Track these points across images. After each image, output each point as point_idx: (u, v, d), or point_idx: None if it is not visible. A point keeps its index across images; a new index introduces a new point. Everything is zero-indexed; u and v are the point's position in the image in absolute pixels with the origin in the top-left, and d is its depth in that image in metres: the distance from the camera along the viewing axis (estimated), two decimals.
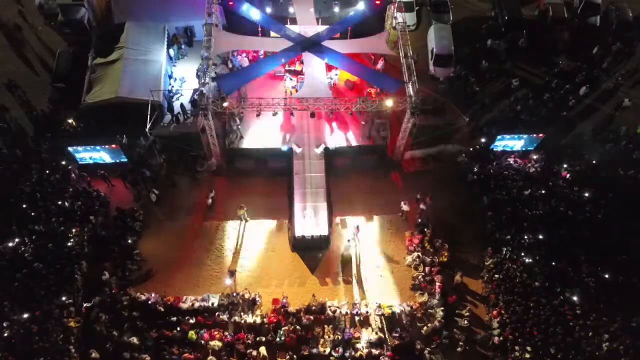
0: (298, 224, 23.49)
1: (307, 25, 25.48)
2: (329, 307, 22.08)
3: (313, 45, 24.52)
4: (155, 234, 24.11)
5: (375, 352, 21.17)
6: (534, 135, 25.36)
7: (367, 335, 21.68)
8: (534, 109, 27.34)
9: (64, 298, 20.95)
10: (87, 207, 23.49)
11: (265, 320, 21.70)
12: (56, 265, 21.41)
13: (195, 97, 24.15)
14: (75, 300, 21.28)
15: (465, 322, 22.11)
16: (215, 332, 21.33)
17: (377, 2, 25.97)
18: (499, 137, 25.32)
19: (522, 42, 29.55)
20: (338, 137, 26.10)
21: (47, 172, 24.04)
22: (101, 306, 21.42)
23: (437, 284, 22.47)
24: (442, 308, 22.07)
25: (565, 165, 25.39)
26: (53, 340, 20.01)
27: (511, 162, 25.82)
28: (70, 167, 24.38)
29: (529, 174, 25.22)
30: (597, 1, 30.58)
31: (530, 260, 22.37)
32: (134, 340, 20.70)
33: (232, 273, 22.69)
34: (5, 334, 19.75)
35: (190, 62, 27.82)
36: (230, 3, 25.66)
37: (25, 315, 20.14)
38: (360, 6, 25.99)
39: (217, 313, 21.76)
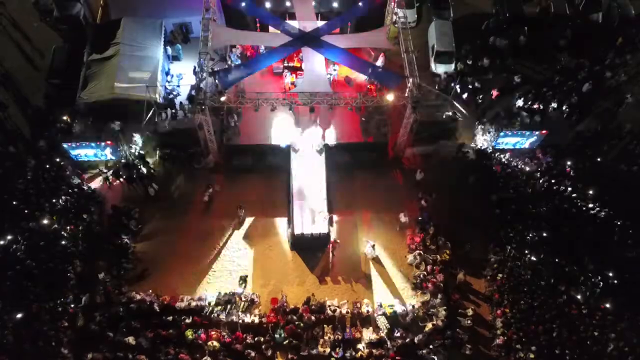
0: (297, 222, 23.05)
1: (307, 20, 25.08)
2: (329, 306, 21.63)
3: (312, 40, 24.13)
4: (151, 232, 23.66)
5: (376, 352, 20.69)
6: (537, 132, 25.00)
7: (367, 336, 21.20)
8: (537, 106, 26.96)
9: (57, 297, 20.45)
10: (80, 204, 23.03)
11: (264, 320, 21.24)
12: (49, 263, 20.91)
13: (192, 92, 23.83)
14: (68, 300, 20.77)
15: (469, 321, 21.64)
16: (213, 332, 20.84)
17: None
18: (501, 134, 24.95)
19: (522, 39, 29.25)
20: (338, 134, 25.65)
21: (42, 169, 23.55)
22: (95, 306, 20.94)
23: (439, 281, 22.04)
24: (445, 307, 21.65)
25: (569, 162, 24.99)
26: (46, 341, 19.47)
27: (512, 160, 25.44)
28: (63, 163, 23.89)
29: (533, 171, 24.80)
30: None
31: (535, 258, 21.96)
32: (130, 340, 20.21)
33: (244, 279, 21.98)
34: None
35: (188, 59, 27.48)
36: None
37: (18, 315, 19.62)
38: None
39: (214, 313, 21.24)
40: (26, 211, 22.02)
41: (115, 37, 26.01)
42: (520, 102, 27.08)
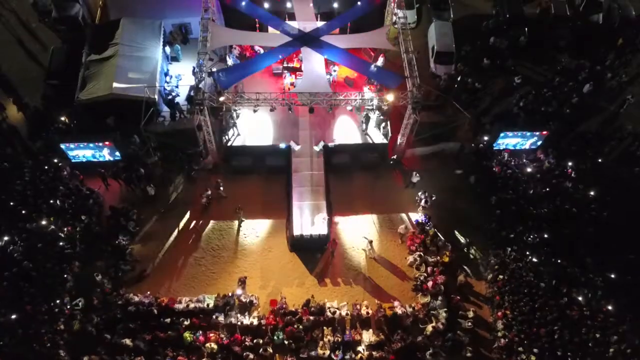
0: (296, 223, 22.90)
1: (306, 21, 24.99)
2: (329, 308, 21.45)
3: (312, 40, 24.04)
4: (149, 233, 23.49)
5: (376, 354, 20.50)
6: (538, 132, 24.87)
7: (367, 337, 21.02)
8: (537, 107, 26.83)
9: (55, 299, 20.28)
10: (78, 205, 22.85)
11: (263, 321, 21.06)
12: (46, 265, 20.75)
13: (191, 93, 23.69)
14: (65, 302, 20.59)
15: (469, 323, 21.45)
16: (211, 334, 20.66)
17: None
18: (501, 134, 24.81)
19: (522, 40, 29.15)
20: (337, 134, 25.53)
21: (39, 170, 23.39)
22: (93, 308, 20.77)
23: (439, 282, 21.88)
24: (445, 309, 21.47)
25: (570, 163, 24.86)
26: (42, 343, 19.29)
27: (512, 160, 25.29)
28: (60, 164, 23.72)
29: (533, 172, 24.66)
30: None
31: (536, 259, 21.80)
32: (128, 342, 20.03)
33: (242, 281, 21.77)
34: None
35: (187, 60, 27.33)
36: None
37: (14, 317, 19.46)
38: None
39: (214, 315, 21.06)
40: (24, 212, 21.87)
41: (114, 38, 25.80)
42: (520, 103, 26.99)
